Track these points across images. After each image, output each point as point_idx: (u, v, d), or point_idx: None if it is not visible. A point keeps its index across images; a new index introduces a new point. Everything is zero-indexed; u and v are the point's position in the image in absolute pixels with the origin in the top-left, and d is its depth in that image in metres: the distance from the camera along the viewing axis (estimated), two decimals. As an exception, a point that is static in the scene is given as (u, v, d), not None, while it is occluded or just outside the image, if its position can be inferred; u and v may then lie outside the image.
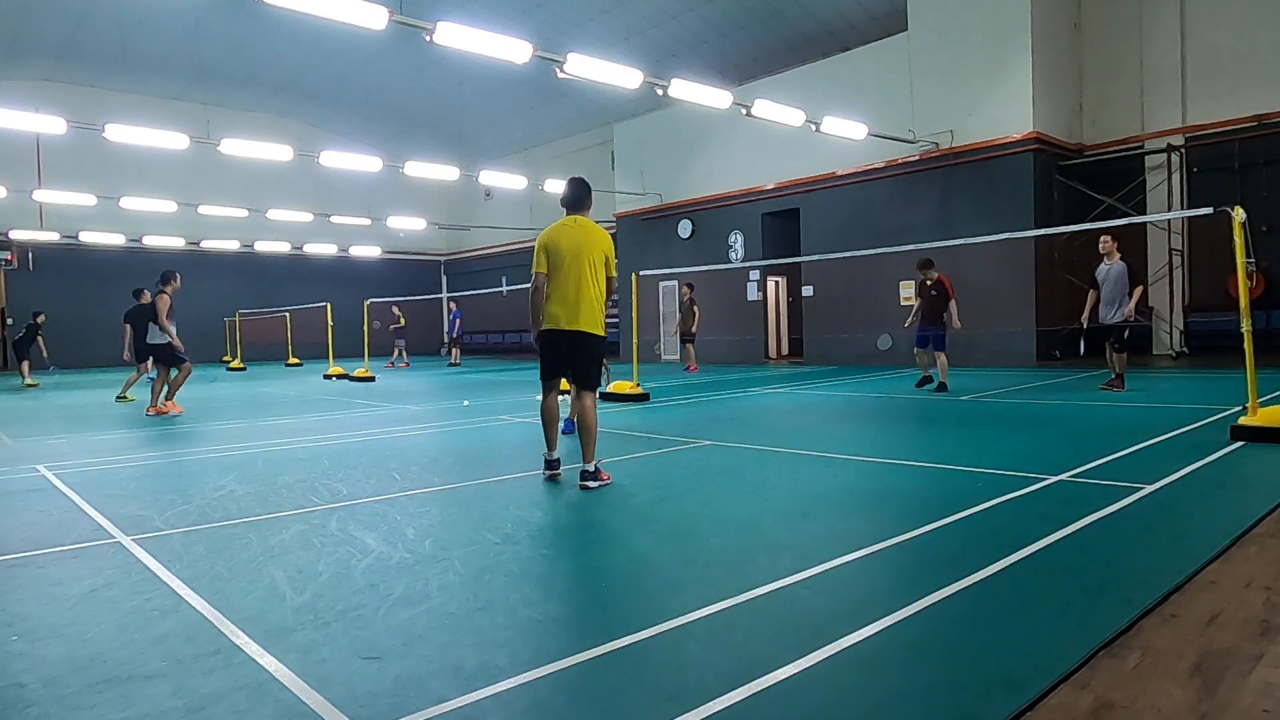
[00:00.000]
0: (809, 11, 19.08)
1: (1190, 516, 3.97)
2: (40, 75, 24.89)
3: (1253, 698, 2.08)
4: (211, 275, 28.04)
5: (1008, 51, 15.24)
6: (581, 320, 5.15)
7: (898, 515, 4.10)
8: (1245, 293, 6.05)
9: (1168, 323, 15.60)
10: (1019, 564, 3.20)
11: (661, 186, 22.37)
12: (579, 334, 5.17)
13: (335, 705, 2.16)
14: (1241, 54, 14.63)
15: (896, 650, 2.44)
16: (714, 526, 4.07)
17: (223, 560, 3.60)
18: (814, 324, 18.90)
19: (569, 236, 5.19)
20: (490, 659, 2.43)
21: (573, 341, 5.18)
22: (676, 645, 2.52)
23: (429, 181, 26.20)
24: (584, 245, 5.16)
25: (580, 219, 5.32)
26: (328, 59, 24.10)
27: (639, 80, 11.69)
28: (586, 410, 5.18)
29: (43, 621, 2.89)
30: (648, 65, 14.87)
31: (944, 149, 16.25)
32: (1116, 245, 9.86)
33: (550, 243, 5.20)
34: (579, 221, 5.30)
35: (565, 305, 5.15)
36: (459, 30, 9.78)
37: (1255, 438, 5.77)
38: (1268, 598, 2.76)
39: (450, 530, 4.06)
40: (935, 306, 10.62)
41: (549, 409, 5.39)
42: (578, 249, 5.15)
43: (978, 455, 5.83)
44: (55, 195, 22.91)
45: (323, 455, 6.69)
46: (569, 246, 5.15)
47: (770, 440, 6.87)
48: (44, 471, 6.16)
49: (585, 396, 5.21)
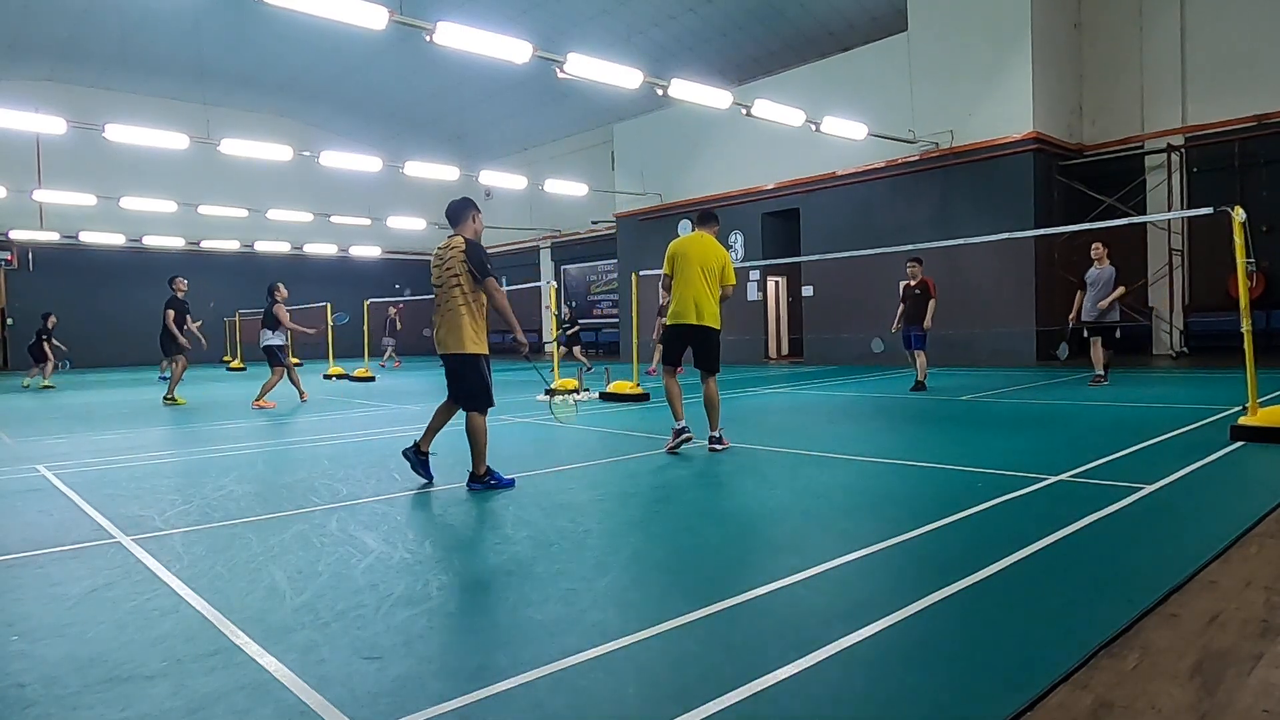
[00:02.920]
0: (809, 11, 19.09)
1: (1190, 516, 3.97)
2: (40, 75, 24.89)
3: (1253, 698, 2.08)
4: (211, 275, 28.03)
5: (1007, 51, 15.24)
6: (703, 316, 6.20)
7: (898, 515, 4.09)
8: (1245, 293, 6.05)
9: (1168, 323, 15.60)
10: (1019, 564, 3.20)
11: (661, 186, 22.37)
12: (700, 327, 6.23)
13: (335, 705, 2.16)
14: (1241, 54, 14.63)
15: (896, 650, 2.44)
16: (714, 526, 4.07)
17: (223, 560, 3.60)
18: (814, 324, 18.90)
19: (695, 248, 6.29)
20: (490, 659, 2.43)
21: (694, 333, 6.25)
22: (676, 645, 2.52)
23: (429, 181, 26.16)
24: (704, 256, 6.25)
25: (705, 235, 6.41)
26: (328, 59, 24.10)
27: (639, 80, 11.69)
28: (711, 390, 6.31)
29: (43, 621, 2.89)
30: (648, 65, 14.86)
31: (944, 149, 16.25)
32: (1107, 251, 10.61)
33: (679, 251, 6.33)
34: (704, 237, 6.39)
35: (684, 304, 6.23)
36: (459, 30, 9.78)
37: (1255, 438, 5.77)
38: (1268, 598, 2.76)
39: (450, 530, 4.06)
40: (918, 307, 10.85)
41: (669, 388, 6.40)
42: (703, 259, 6.23)
43: (978, 455, 5.83)
44: (55, 195, 22.91)
45: (323, 455, 6.69)
46: (693, 256, 6.25)
47: (770, 440, 6.87)
48: (44, 471, 6.16)
49: (709, 380, 6.32)
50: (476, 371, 5.11)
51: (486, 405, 5.13)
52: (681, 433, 6.22)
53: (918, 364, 11.02)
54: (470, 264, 5.05)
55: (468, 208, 5.30)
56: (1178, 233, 15.43)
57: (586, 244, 28.36)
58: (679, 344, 6.38)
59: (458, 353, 5.09)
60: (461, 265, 5.06)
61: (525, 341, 5.42)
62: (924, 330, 10.87)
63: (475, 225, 5.31)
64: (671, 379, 6.42)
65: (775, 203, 19.63)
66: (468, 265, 5.05)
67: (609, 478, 5.46)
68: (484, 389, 5.12)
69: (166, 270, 28.40)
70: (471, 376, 5.11)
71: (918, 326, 10.86)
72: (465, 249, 5.08)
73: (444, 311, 5.12)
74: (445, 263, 5.14)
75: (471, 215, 5.29)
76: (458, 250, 5.10)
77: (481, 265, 5.07)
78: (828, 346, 18.43)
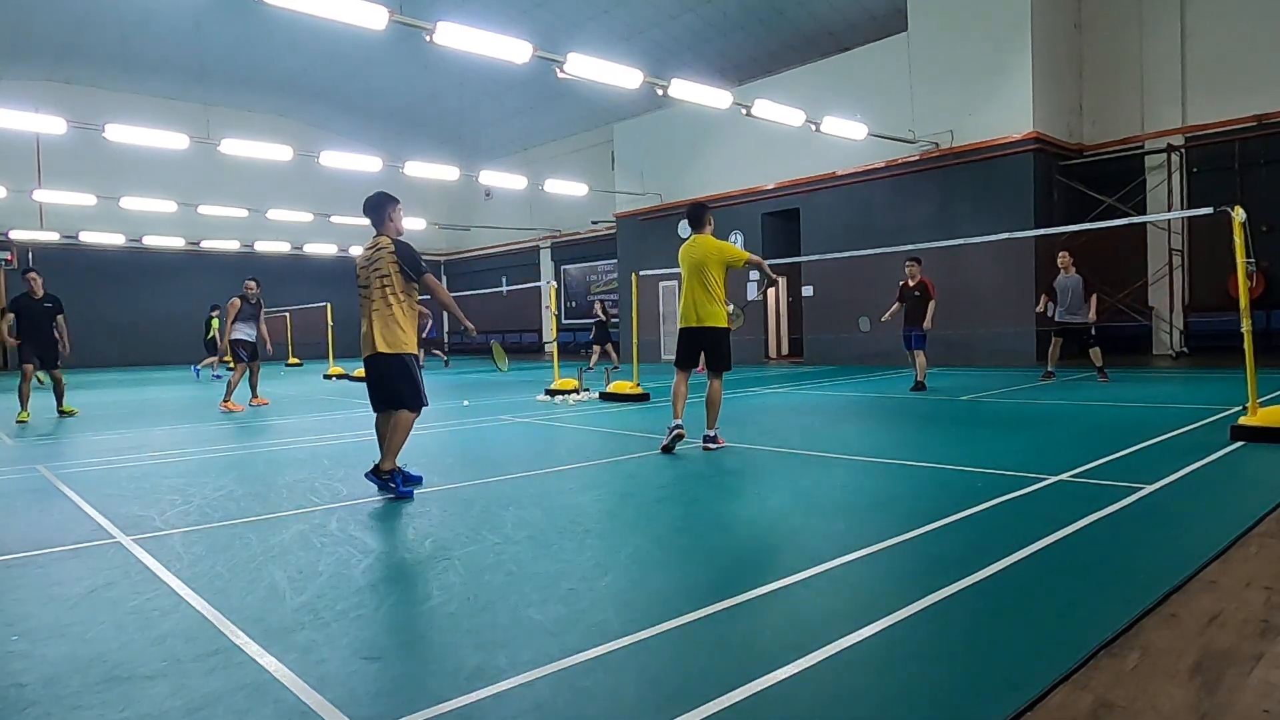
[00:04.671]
0: (809, 11, 19.09)
1: (1190, 516, 3.97)
2: (40, 75, 24.89)
3: (1253, 698, 2.08)
4: (211, 275, 28.04)
5: (1007, 51, 15.24)
6: (703, 318, 6.34)
7: (898, 515, 4.10)
8: (1245, 293, 6.04)
9: (1168, 323, 15.60)
10: (1019, 564, 3.20)
11: (661, 186, 22.36)
12: (702, 329, 6.36)
13: (335, 705, 2.16)
14: (1241, 54, 14.63)
15: (896, 650, 2.44)
16: (714, 526, 4.07)
17: (223, 560, 3.60)
18: (814, 324, 18.90)
19: (689, 254, 6.42)
20: (490, 659, 2.43)
21: (699, 335, 6.39)
22: (676, 645, 2.52)
23: (429, 181, 26.19)
24: (697, 259, 6.34)
25: (697, 237, 6.47)
26: (328, 59, 24.10)
27: (639, 80, 11.69)
28: (714, 389, 6.42)
29: (43, 621, 2.89)
30: (648, 65, 14.87)
31: (944, 149, 16.25)
32: (1072, 260, 11.40)
33: (680, 259, 6.53)
34: (696, 240, 6.45)
35: (684, 308, 6.45)
36: (459, 30, 9.78)
37: (1255, 438, 5.76)
38: (1268, 598, 2.76)
39: (450, 530, 4.06)
40: (918, 307, 10.97)
41: (675, 389, 6.52)
42: (692, 263, 6.36)
43: (978, 455, 5.83)
44: (55, 195, 22.91)
45: (323, 455, 6.69)
46: (687, 262, 6.40)
47: (770, 440, 6.87)
48: (44, 471, 6.16)
49: (715, 380, 6.46)
50: (408, 370, 4.99)
51: (418, 405, 5.02)
52: (675, 430, 6.28)
53: (917, 364, 11.08)
54: (402, 263, 4.93)
55: (385, 204, 5.12)
56: (1178, 233, 15.43)
57: (586, 244, 28.36)
58: (686, 347, 6.50)
59: (389, 352, 4.94)
60: (392, 265, 4.92)
61: (472, 327, 5.37)
62: (925, 331, 10.96)
63: (395, 222, 5.14)
64: (680, 381, 6.52)
65: (775, 203, 19.62)
66: (399, 265, 4.92)
67: (609, 478, 5.46)
68: (416, 388, 5.00)
69: (166, 270, 28.68)
70: (404, 375, 4.98)
71: (918, 327, 10.94)
72: (394, 249, 4.96)
73: (371, 313, 4.98)
74: (373, 264, 4.98)
75: (389, 213, 5.11)
76: (386, 250, 4.97)
77: (415, 263, 4.96)
78: (828, 347, 18.42)
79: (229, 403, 10.88)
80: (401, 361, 4.98)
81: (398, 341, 4.96)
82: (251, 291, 11.38)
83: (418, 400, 5.02)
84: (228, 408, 10.78)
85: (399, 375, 4.99)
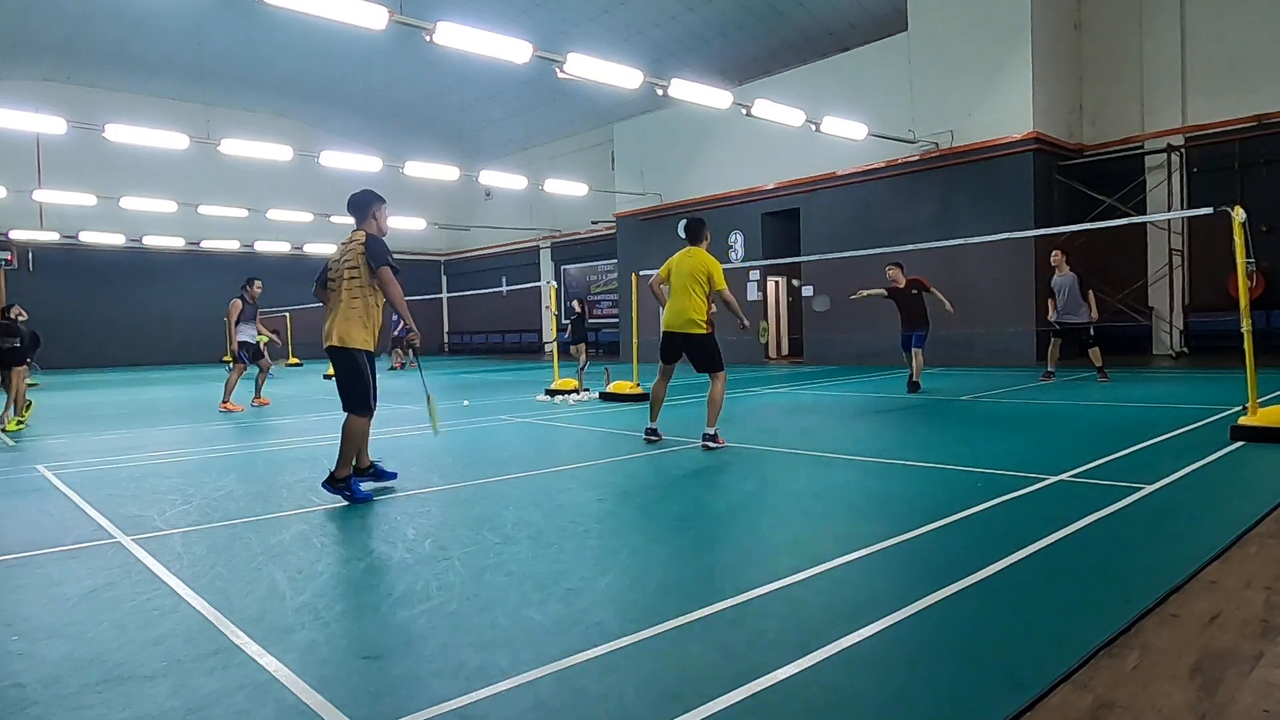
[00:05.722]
0: (809, 11, 19.08)
1: (1190, 516, 3.97)
2: (40, 75, 24.89)
3: (1253, 698, 2.08)
4: (211, 275, 28.04)
5: (1007, 52, 15.24)
6: (687, 325, 6.60)
7: (898, 515, 4.10)
8: (1245, 293, 6.05)
9: (1168, 323, 15.60)
10: (1019, 564, 3.20)
11: (661, 186, 22.36)
12: (685, 334, 6.63)
13: (335, 705, 2.16)
14: (1241, 54, 14.63)
15: (897, 650, 2.44)
16: (714, 526, 4.08)
17: (223, 560, 3.60)
18: (814, 324, 18.90)
19: (684, 264, 6.71)
20: (490, 659, 2.43)
21: (682, 340, 6.67)
22: (676, 645, 2.52)
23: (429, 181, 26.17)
24: (689, 269, 6.64)
25: (694, 249, 6.76)
26: (328, 59, 24.10)
27: (639, 80, 11.69)
28: (715, 389, 6.57)
29: (43, 621, 2.89)
30: (648, 65, 14.87)
31: (944, 149, 16.25)
32: (1065, 258, 11.32)
33: (673, 266, 6.80)
34: (692, 252, 6.75)
35: (670, 313, 6.70)
36: (459, 30, 9.78)
37: (1255, 438, 5.76)
38: (1268, 598, 2.76)
39: (450, 530, 4.06)
40: (918, 307, 10.98)
41: (654, 390, 6.92)
42: (685, 273, 6.64)
43: (978, 455, 5.83)
44: (55, 195, 22.90)
45: (322, 455, 6.67)
46: (678, 269, 6.70)
47: (770, 440, 6.87)
48: (44, 471, 6.16)
49: (716, 380, 6.62)
50: (357, 368, 4.87)
51: (365, 409, 4.89)
52: (651, 432, 6.86)
53: (914, 363, 11.03)
54: (369, 256, 4.84)
55: (370, 202, 5.05)
56: (1178, 233, 15.43)
57: (586, 244, 28.35)
58: (669, 350, 6.81)
59: (338, 346, 4.85)
60: (360, 259, 4.86)
61: (418, 332, 5.29)
62: (925, 332, 10.97)
63: (379, 221, 5.06)
64: (659, 383, 6.93)
65: (775, 203, 19.62)
66: (366, 258, 4.85)
67: (609, 478, 5.46)
68: (364, 390, 4.87)
69: (166, 270, 28.67)
70: (351, 372, 4.87)
71: (919, 328, 10.93)
72: (365, 242, 4.89)
73: (334, 305, 4.92)
74: (344, 259, 4.93)
75: (374, 211, 5.04)
76: (358, 244, 4.91)
77: (380, 254, 4.85)
78: (828, 346, 18.42)
79: (228, 403, 10.88)
80: (350, 357, 4.87)
81: (349, 336, 4.85)
82: (257, 292, 11.46)
83: (362, 403, 4.87)
84: (227, 408, 10.78)
85: (346, 371, 4.90)
